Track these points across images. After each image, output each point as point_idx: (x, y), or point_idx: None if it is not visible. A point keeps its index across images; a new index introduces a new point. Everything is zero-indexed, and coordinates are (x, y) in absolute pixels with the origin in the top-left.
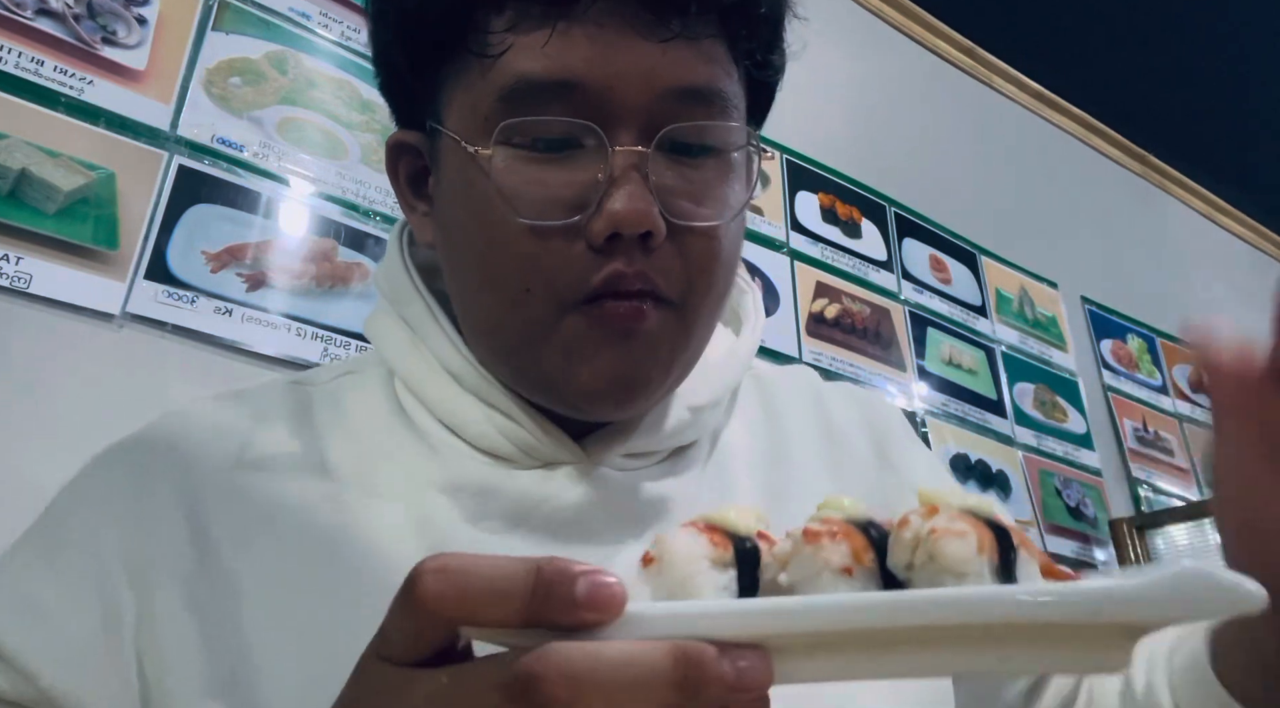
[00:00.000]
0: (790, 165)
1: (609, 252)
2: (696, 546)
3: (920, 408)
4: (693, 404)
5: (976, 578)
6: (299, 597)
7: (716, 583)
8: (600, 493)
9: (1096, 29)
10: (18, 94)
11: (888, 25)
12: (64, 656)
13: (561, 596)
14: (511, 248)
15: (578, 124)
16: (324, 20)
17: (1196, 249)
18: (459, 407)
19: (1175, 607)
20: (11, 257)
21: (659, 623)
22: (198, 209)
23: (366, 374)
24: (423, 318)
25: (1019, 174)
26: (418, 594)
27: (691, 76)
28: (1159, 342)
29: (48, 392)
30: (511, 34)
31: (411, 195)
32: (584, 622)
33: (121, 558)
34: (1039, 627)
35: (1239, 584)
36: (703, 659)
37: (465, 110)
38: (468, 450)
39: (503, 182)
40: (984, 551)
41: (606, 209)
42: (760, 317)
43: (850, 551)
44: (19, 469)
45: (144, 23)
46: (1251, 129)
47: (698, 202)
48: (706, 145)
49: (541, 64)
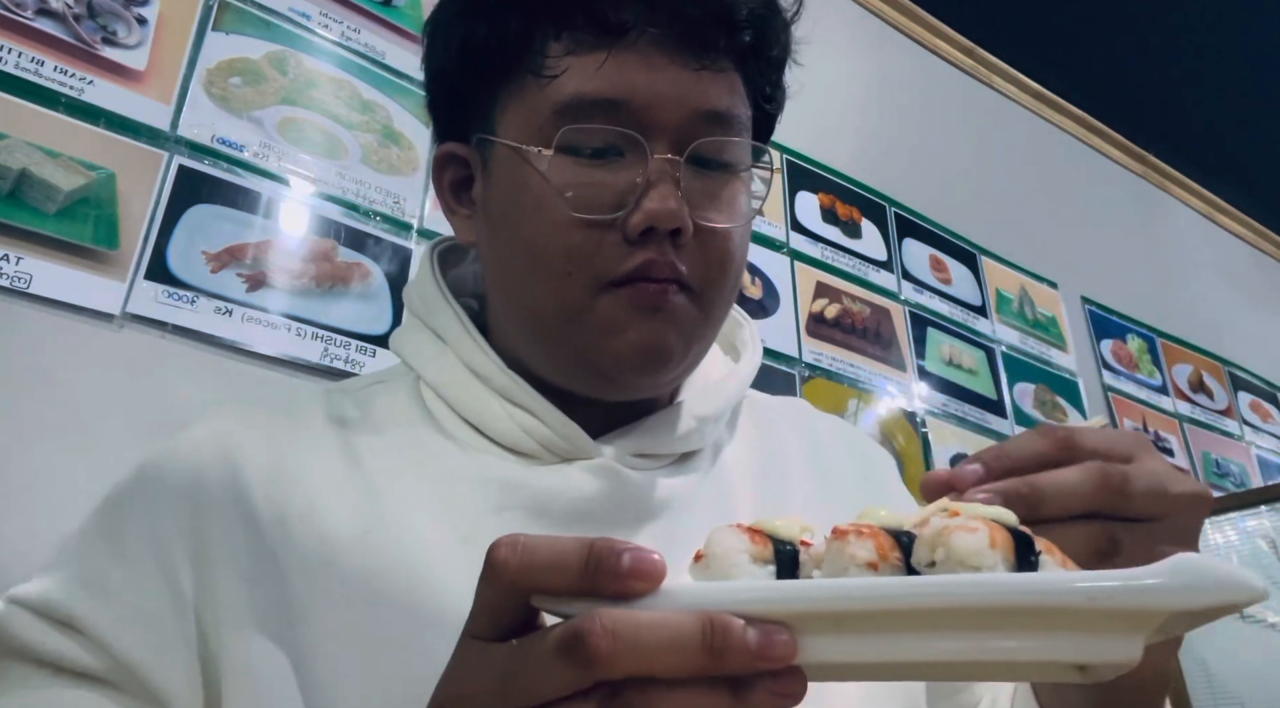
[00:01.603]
0: (790, 165)
1: (642, 244)
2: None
3: (920, 408)
4: (698, 414)
5: (990, 571)
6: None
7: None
8: (614, 487)
9: (1096, 29)
10: (18, 94)
11: (888, 25)
12: (134, 627)
13: (610, 565)
14: (559, 237)
15: (625, 134)
16: (324, 20)
17: (1196, 249)
18: (484, 406)
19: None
20: (11, 257)
21: (693, 597)
22: (198, 209)
23: (395, 383)
24: (451, 326)
25: (1019, 174)
26: (493, 561)
27: (717, 102)
28: (1159, 342)
29: (48, 392)
30: (569, 58)
31: (454, 201)
32: (630, 589)
33: (180, 540)
34: (1048, 614)
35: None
36: (729, 627)
37: (521, 122)
38: (490, 447)
39: (557, 180)
40: (997, 546)
41: (644, 207)
42: (757, 348)
43: (876, 547)
44: (19, 469)
45: (144, 23)
46: (1251, 129)
47: (718, 208)
48: (725, 162)
49: (594, 84)
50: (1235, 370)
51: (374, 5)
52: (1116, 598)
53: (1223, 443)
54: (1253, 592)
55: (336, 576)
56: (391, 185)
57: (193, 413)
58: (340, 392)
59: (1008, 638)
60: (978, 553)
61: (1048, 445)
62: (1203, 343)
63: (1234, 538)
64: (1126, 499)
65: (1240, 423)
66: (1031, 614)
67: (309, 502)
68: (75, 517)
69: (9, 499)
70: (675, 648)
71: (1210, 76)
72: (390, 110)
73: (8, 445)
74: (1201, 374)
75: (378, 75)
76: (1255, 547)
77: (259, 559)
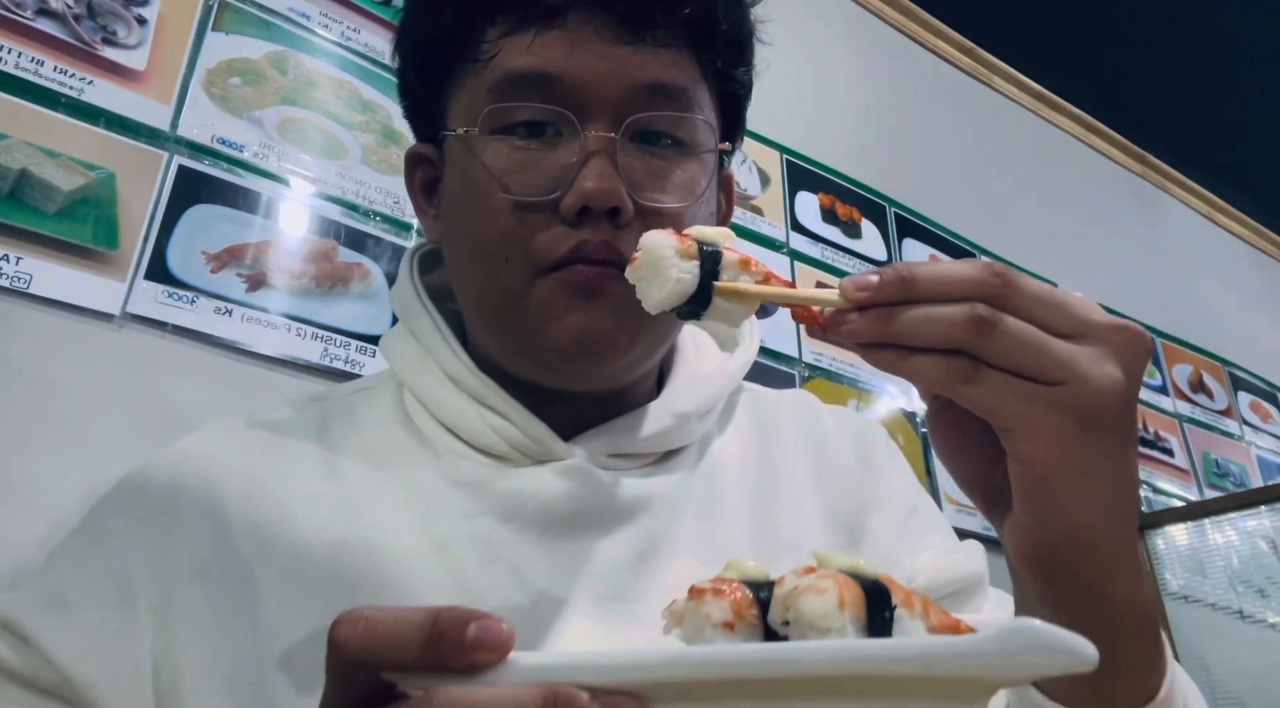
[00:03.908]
0: (790, 165)
1: (579, 226)
2: (668, 239)
3: (920, 408)
4: (677, 411)
5: (839, 633)
6: (311, 592)
7: (681, 269)
8: (587, 489)
9: (1096, 29)
10: (18, 94)
11: (888, 25)
12: (79, 641)
13: (453, 638)
14: (496, 223)
15: (554, 111)
16: (324, 20)
17: (1196, 249)
18: (457, 408)
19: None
20: (11, 257)
21: (539, 670)
22: (198, 209)
23: (379, 391)
24: (428, 331)
25: (1019, 174)
26: (334, 640)
27: (657, 74)
28: (1159, 342)
29: (48, 392)
30: (503, 40)
31: (424, 201)
32: (474, 662)
33: (146, 557)
34: (894, 681)
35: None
36: (573, 701)
37: (462, 108)
38: (466, 451)
39: (490, 163)
40: (845, 606)
41: (577, 186)
42: (755, 341)
43: (732, 606)
44: (19, 469)
45: (144, 23)
46: (1251, 129)
47: (663, 188)
48: (674, 137)
49: (525, 60)
50: (1235, 370)
51: (374, 5)
52: (953, 666)
53: (1222, 443)
54: (1085, 658)
55: (309, 589)
56: (391, 185)
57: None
58: (323, 401)
59: (852, 703)
60: (825, 615)
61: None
62: (1203, 343)
63: (1234, 538)
64: (1009, 298)
65: (1240, 423)
66: (872, 681)
67: (284, 515)
68: (75, 517)
69: (8, 499)
70: None
71: (1210, 77)
72: (390, 110)
73: (7, 445)
74: (1201, 374)
75: (378, 75)
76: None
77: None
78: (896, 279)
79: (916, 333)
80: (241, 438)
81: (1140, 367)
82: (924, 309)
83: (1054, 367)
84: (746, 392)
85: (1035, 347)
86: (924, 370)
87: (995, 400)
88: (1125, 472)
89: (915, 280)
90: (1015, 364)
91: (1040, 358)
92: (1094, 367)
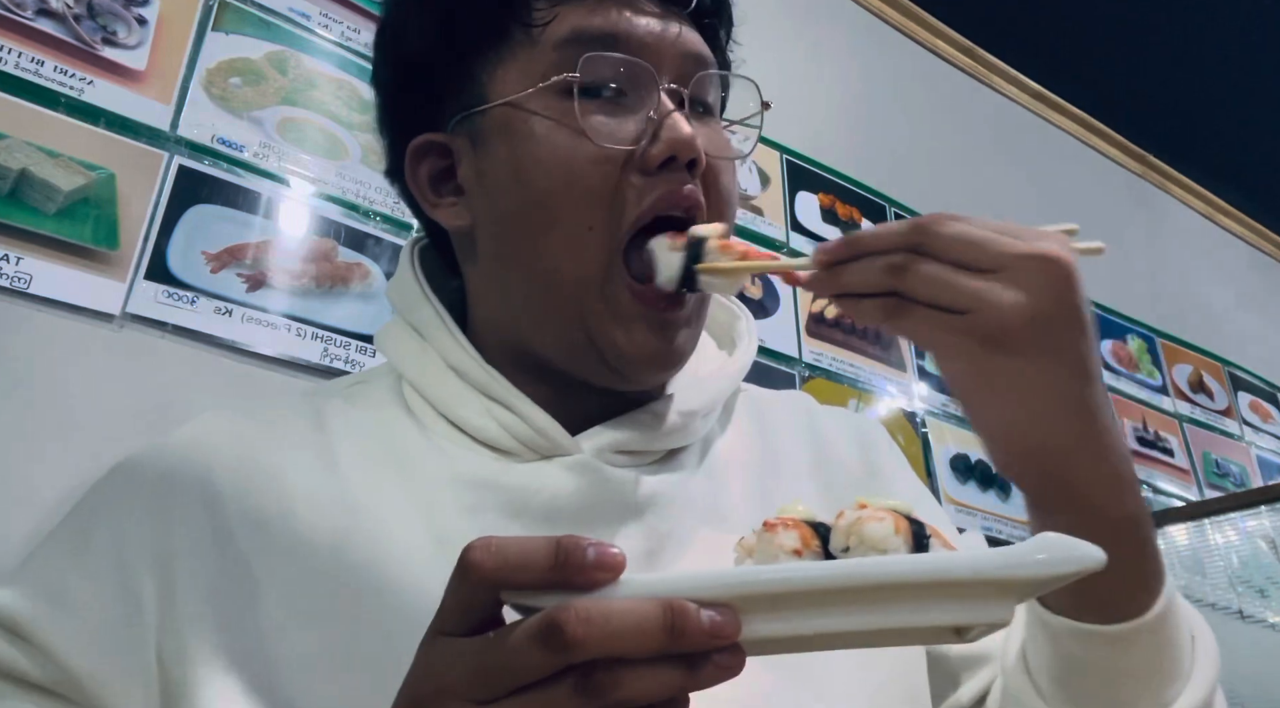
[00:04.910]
0: (790, 165)
1: (659, 176)
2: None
3: (920, 408)
4: (683, 409)
5: (895, 553)
6: (312, 586)
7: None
8: (593, 485)
9: (1096, 29)
10: (18, 94)
11: (888, 25)
12: (86, 640)
13: (576, 559)
14: (578, 179)
15: (635, 63)
16: (324, 20)
17: (1196, 249)
18: (462, 401)
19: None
20: (11, 257)
21: (650, 586)
22: (198, 209)
23: (377, 383)
24: (430, 321)
25: (1019, 174)
26: (468, 562)
27: (701, 47)
28: (1159, 342)
29: (48, 392)
30: (558, 6)
31: (432, 193)
32: (594, 580)
33: (145, 552)
34: (942, 586)
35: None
36: (685, 610)
37: (518, 76)
38: (470, 445)
39: (567, 120)
40: (900, 532)
41: (664, 136)
42: (753, 340)
43: (800, 537)
44: (19, 469)
45: (144, 23)
46: (1251, 129)
47: (721, 147)
48: (710, 104)
49: (591, 21)
50: (1235, 370)
51: (374, 5)
52: (993, 571)
53: (1222, 443)
54: (1094, 559)
55: (310, 582)
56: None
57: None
58: (322, 394)
59: (909, 607)
60: (885, 538)
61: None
62: (1202, 343)
63: (1234, 538)
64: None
65: (1240, 423)
66: (929, 587)
67: (284, 509)
68: None
69: (8, 499)
70: (640, 631)
71: (1210, 76)
72: None
73: (7, 445)
74: (1201, 374)
75: None
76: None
77: (228, 569)
78: (844, 242)
79: (856, 282)
80: (237, 429)
81: (1053, 289)
82: (860, 262)
83: (961, 298)
84: (744, 392)
85: (945, 283)
86: (868, 311)
87: (916, 330)
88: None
89: (857, 241)
90: (932, 299)
91: (949, 291)
92: (998, 294)
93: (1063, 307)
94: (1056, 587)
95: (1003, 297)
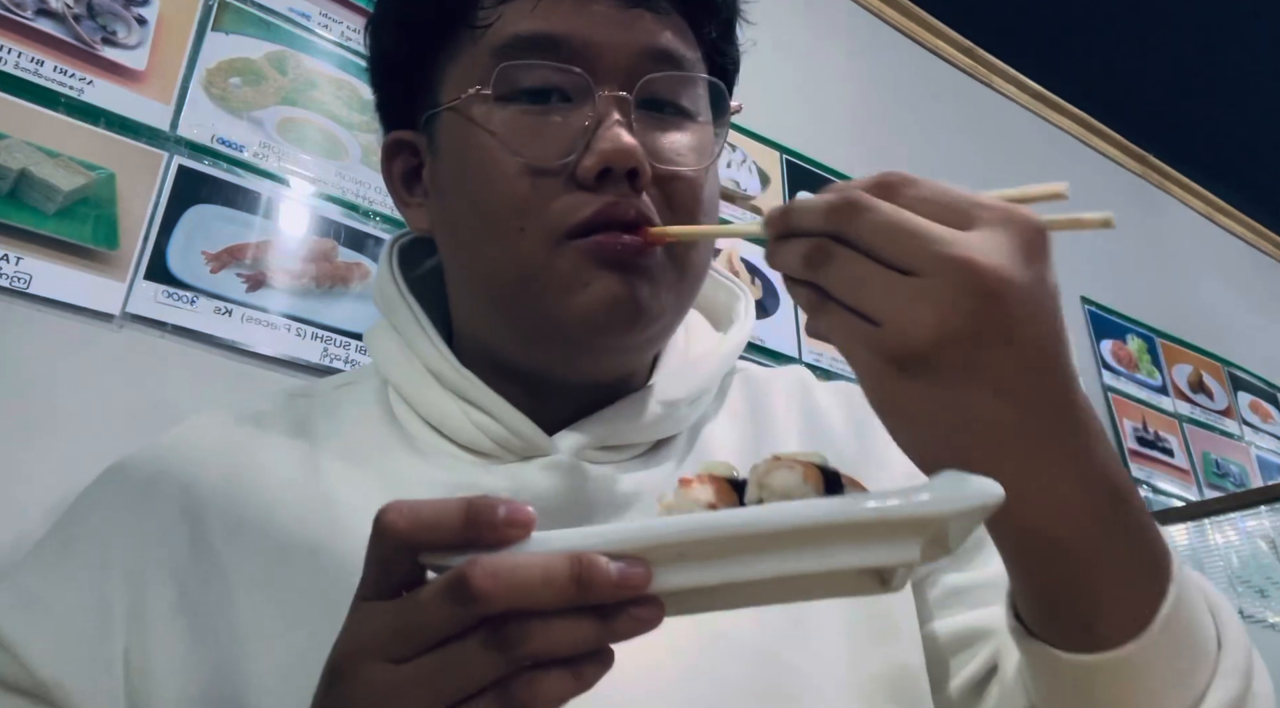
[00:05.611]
0: (790, 165)
1: (599, 190)
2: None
3: None
4: (666, 399)
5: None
6: (288, 594)
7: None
8: (573, 485)
9: (1096, 29)
10: (18, 94)
11: (888, 25)
12: (56, 648)
13: (486, 516)
14: (507, 190)
15: (567, 70)
16: (324, 20)
17: (1196, 249)
18: (440, 404)
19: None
20: (11, 257)
21: (561, 541)
22: (198, 209)
23: (363, 385)
24: (408, 323)
25: (1019, 174)
26: (383, 525)
27: (661, 41)
28: (1159, 342)
29: (47, 392)
30: (502, 6)
31: (405, 191)
32: (505, 537)
33: (122, 559)
34: (844, 528)
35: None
36: (594, 561)
37: (460, 79)
38: (451, 448)
39: (499, 128)
40: (810, 481)
41: (596, 147)
42: (750, 320)
43: (714, 491)
44: (19, 469)
45: (144, 23)
46: (1251, 129)
47: (677, 152)
48: (680, 106)
49: (530, 24)
50: (1235, 371)
51: (373, 5)
52: (896, 508)
53: (1222, 443)
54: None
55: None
56: None
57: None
58: (307, 396)
59: (815, 552)
60: (795, 487)
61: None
62: (1202, 343)
63: (1234, 538)
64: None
65: (1240, 423)
66: (832, 530)
67: (263, 514)
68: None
69: (8, 499)
70: (548, 582)
71: (1210, 77)
72: None
73: (7, 445)
74: (1201, 374)
75: None
76: (1255, 547)
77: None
78: (780, 213)
79: (782, 265)
80: (224, 432)
81: (968, 304)
82: (789, 243)
83: (873, 308)
84: (740, 372)
85: (856, 286)
86: (798, 297)
87: (831, 335)
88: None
89: (787, 214)
90: (846, 301)
91: (861, 298)
92: (908, 308)
93: (980, 323)
94: (960, 525)
95: (914, 313)
